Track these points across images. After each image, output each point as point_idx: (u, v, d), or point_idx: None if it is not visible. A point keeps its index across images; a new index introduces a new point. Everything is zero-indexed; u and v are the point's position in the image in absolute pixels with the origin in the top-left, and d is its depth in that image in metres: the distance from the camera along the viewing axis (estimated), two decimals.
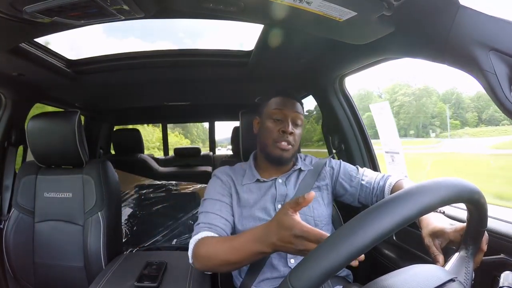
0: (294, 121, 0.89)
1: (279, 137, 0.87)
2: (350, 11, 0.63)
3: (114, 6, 0.63)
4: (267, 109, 0.91)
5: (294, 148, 0.89)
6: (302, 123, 0.92)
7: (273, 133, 0.87)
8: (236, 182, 0.91)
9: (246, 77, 1.45)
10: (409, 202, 0.33)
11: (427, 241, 0.58)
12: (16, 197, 1.19)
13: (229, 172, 0.94)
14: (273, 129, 0.87)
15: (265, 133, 0.90)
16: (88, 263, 1.13)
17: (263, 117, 0.92)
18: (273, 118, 0.89)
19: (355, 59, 1.05)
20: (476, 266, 0.49)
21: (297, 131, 0.89)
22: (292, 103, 0.90)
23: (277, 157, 0.88)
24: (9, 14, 0.63)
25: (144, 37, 6.43)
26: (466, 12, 0.53)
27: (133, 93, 1.85)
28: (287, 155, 0.88)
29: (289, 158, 0.89)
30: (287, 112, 0.88)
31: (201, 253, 0.71)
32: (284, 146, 0.86)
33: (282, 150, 0.87)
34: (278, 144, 0.86)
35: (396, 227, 0.32)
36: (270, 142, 0.88)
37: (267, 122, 0.89)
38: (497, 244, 0.63)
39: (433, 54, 0.64)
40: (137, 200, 2.10)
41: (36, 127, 1.15)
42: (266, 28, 0.94)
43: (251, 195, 0.89)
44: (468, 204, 0.42)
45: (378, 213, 0.32)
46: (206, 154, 2.87)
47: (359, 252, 0.31)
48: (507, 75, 0.49)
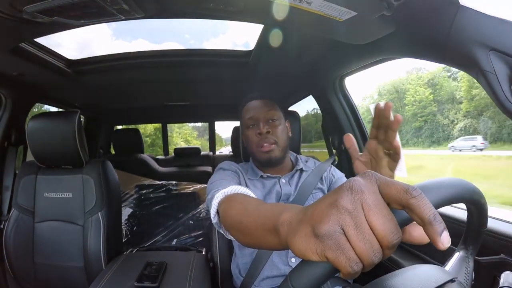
0: (268, 119, 0.89)
1: (258, 141, 0.88)
2: (350, 11, 0.64)
3: (114, 6, 0.63)
4: (242, 121, 0.94)
5: (279, 145, 0.88)
6: (281, 118, 0.92)
7: (253, 140, 0.89)
8: (243, 174, 0.91)
9: (246, 77, 1.45)
10: None
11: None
12: (16, 197, 1.19)
13: (234, 164, 0.94)
14: (252, 136, 0.89)
15: (247, 142, 0.92)
16: (88, 263, 1.13)
17: (243, 130, 0.94)
18: (249, 126, 0.90)
19: (355, 59, 1.05)
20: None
21: (276, 128, 0.89)
22: (261, 103, 0.91)
23: (266, 160, 0.89)
24: (9, 14, 0.63)
25: (150, 39, 6.35)
26: (466, 12, 0.53)
27: (133, 93, 1.85)
28: (274, 154, 0.88)
29: (278, 157, 0.89)
30: (258, 114, 0.89)
31: (225, 208, 0.57)
32: (266, 148, 0.87)
33: (267, 152, 0.87)
34: (260, 148, 0.87)
35: None
36: (254, 149, 0.89)
37: (246, 132, 0.92)
38: (497, 244, 0.63)
39: (433, 54, 0.64)
40: (137, 200, 2.10)
41: (36, 127, 1.15)
42: (266, 28, 0.94)
43: (257, 191, 0.89)
44: (469, 204, 0.42)
45: None
46: (206, 154, 2.86)
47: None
48: (507, 75, 0.49)
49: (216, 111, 2.69)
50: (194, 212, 1.93)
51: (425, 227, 0.25)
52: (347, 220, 0.24)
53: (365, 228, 0.24)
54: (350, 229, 0.24)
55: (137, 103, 2.21)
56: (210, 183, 0.79)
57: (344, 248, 0.24)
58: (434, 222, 0.24)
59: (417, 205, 0.24)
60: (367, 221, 0.24)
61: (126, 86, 1.60)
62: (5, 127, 1.31)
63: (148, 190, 2.13)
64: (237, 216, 0.49)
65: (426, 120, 9.16)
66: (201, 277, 0.93)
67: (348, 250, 0.24)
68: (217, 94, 1.98)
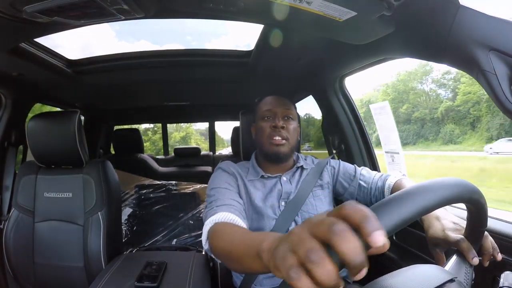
0: (284, 115, 0.91)
1: (271, 133, 0.88)
2: (350, 11, 0.63)
3: (114, 6, 0.63)
4: (259, 112, 0.94)
5: (289, 142, 0.90)
6: (296, 118, 0.94)
7: (266, 131, 0.89)
8: (242, 176, 0.92)
9: (246, 77, 1.45)
10: (409, 202, 0.33)
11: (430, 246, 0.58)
12: (16, 197, 1.19)
13: (234, 165, 0.95)
14: (266, 127, 0.90)
15: (259, 133, 0.92)
16: (88, 263, 1.13)
17: (257, 121, 0.95)
18: (264, 117, 0.91)
19: (355, 59, 1.05)
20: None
21: (290, 125, 0.90)
22: (281, 100, 0.93)
23: (274, 154, 0.89)
24: (9, 14, 0.63)
25: (152, 40, 6.33)
26: (466, 12, 0.53)
27: (133, 93, 1.85)
28: (283, 149, 0.89)
29: (286, 153, 0.90)
30: (276, 109, 0.91)
31: (214, 237, 0.63)
32: (277, 141, 0.87)
33: (277, 145, 0.88)
34: (272, 140, 0.88)
35: (396, 227, 0.32)
36: (264, 140, 0.90)
37: (260, 123, 0.92)
38: (497, 244, 0.63)
39: (433, 54, 0.64)
40: (137, 200, 2.09)
41: (36, 127, 1.15)
42: (266, 28, 0.94)
43: (257, 192, 0.89)
44: (468, 204, 0.42)
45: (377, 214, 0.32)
46: (206, 154, 2.86)
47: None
48: (507, 75, 0.49)
49: (216, 111, 2.69)
50: (194, 212, 1.93)
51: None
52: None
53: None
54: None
55: (137, 103, 2.21)
56: (209, 189, 0.83)
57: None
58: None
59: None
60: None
61: (126, 86, 1.60)
62: (5, 127, 1.31)
63: (148, 190, 2.13)
64: (226, 247, 0.56)
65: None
66: (201, 277, 0.93)
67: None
68: (217, 94, 1.98)
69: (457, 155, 7.99)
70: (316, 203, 0.89)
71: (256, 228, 0.85)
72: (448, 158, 7.77)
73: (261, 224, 0.85)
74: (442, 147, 8.76)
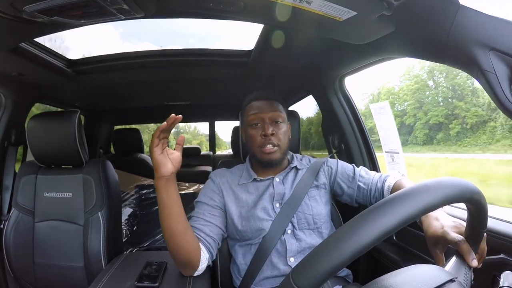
0: (273, 120, 0.89)
1: (262, 142, 0.87)
2: (350, 11, 0.63)
3: (114, 6, 0.63)
4: (246, 117, 0.92)
5: (281, 147, 0.89)
6: (285, 120, 0.92)
7: (256, 140, 0.88)
8: (232, 183, 0.92)
9: (246, 77, 1.45)
10: (410, 201, 0.33)
11: (429, 246, 0.58)
12: (16, 197, 1.19)
13: (225, 173, 0.95)
14: (255, 136, 0.89)
15: (250, 141, 0.91)
16: (88, 263, 1.13)
17: (245, 126, 0.93)
18: (252, 124, 0.90)
19: (355, 59, 1.05)
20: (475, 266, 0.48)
21: (280, 130, 0.89)
22: (267, 103, 0.90)
23: (267, 162, 0.89)
24: (9, 14, 0.63)
25: (154, 41, 6.35)
26: (466, 12, 0.53)
27: (133, 93, 1.85)
28: (276, 157, 0.88)
29: (279, 159, 0.90)
30: (263, 114, 0.89)
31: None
32: (269, 150, 0.87)
33: (269, 153, 0.87)
34: (263, 149, 0.87)
35: (398, 225, 0.32)
36: (256, 149, 0.89)
37: (249, 130, 0.91)
38: (497, 244, 0.63)
39: (433, 54, 0.64)
40: (137, 200, 2.09)
41: (36, 127, 1.15)
42: (266, 28, 0.94)
43: (249, 195, 0.89)
44: (469, 204, 0.42)
45: (380, 212, 0.32)
46: (206, 154, 2.86)
47: (362, 249, 0.31)
48: (507, 75, 0.49)
49: (216, 111, 2.69)
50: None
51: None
52: None
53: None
54: None
55: (137, 103, 2.21)
56: (196, 200, 0.93)
57: None
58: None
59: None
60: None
61: (126, 86, 1.60)
62: (5, 127, 1.31)
63: (148, 190, 2.13)
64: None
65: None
66: (201, 277, 0.93)
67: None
68: (217, 94, 1.98)
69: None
70: (311, 204, 0.88)
71: (252, 229, 0.85)
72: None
73: (257, 225, 0.85)
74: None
